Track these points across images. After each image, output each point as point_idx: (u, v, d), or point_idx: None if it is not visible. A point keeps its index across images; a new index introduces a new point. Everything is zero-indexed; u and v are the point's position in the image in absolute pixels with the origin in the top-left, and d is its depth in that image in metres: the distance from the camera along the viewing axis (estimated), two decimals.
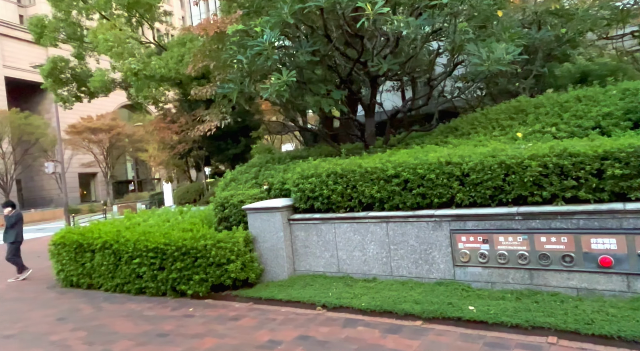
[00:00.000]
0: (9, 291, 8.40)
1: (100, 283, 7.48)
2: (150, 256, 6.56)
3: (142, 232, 6.95)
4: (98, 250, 7.39)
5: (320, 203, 5.53)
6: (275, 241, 5.89)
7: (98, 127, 49.32)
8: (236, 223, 6.53)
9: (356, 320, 4.56)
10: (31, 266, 11.24)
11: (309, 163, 6.01)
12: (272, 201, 6.04)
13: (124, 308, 6.26)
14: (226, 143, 17.54)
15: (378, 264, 5.16)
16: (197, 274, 6.11)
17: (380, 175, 5.01)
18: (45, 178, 52.68)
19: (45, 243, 17.59)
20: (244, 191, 6.84)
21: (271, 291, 5.60)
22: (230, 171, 17.85)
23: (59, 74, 16.17)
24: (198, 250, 6.08)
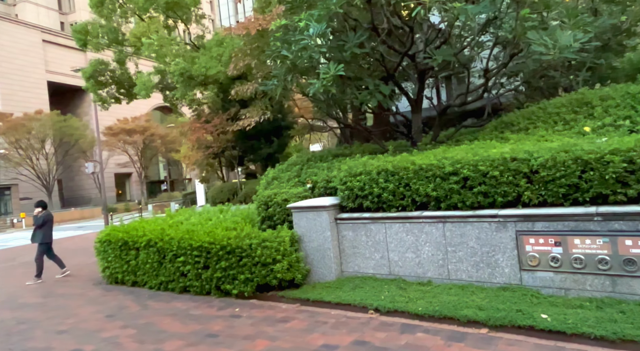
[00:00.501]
0: (57, 287, 8.63)
1: (145, 281, 7.55)
2: (195, 254, 6.54)
3: (186, 230, 6.95)
4: (143, 248, 7.45)
5: (370, 201, 5.31)
6: (322, 241, 5.72)
7: (133, 128, 50.96)
8: (280, 222, 6.41)
9: (414, 326, 4.31)
10: (75, 263, 11.59)
11: (356, 161, 5.81)
12: (319, 200, 5.87)
13: (170, 307, 6.25)
14: (259, 143, 17.55)
15: (433, 266, 4.89)
16: (242, 274, 6.03)
17: (436, 172, 4.74)
18: (84, 178, 54.88)
19: (85, 240, 18.22)
20: (287, 189, 6.71)
21: (319, 293, 5.42)
22: (263, 170, 17.90)
23: (99, 76, 16.68)
24: (243, 249, 6.00)
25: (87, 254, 13.44)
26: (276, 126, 17.47)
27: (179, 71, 11.47)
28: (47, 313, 6.64)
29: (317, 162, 7.41)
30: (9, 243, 21.81)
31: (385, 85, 5.81)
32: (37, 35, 51.29)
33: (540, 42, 4.72)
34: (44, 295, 7.97)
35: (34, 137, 43.41)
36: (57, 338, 5.35)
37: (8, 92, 47.02)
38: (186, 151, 23.50)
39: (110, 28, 15.13)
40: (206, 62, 11.64)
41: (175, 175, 68.41)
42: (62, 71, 53.51)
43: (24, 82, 49.09)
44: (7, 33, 47.70)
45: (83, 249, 15.17)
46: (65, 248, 15.95)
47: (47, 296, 7.85)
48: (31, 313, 6.72)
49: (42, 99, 50.25)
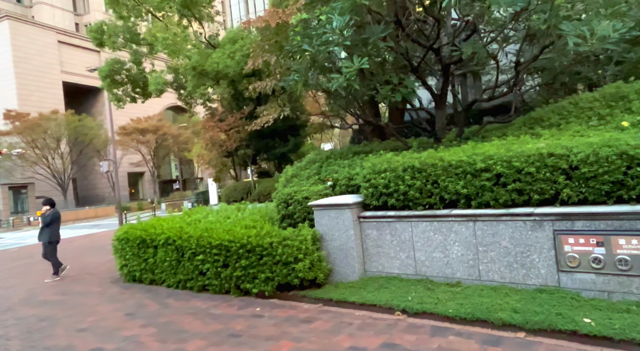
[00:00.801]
0: (75, 285, 8.63)
1: (163, 279, 7.49)
2: (214, 253, 6.45)
3: (205, 228, 6.86)
4: (161, 246, 7.39)
5: (395, 199, 5.15)
6: (345, 239, 5.57)
7: (146, 128, 51.43)
8: (301, 220, 6.28)
9: (445, 328, 4.14)
10: (92, 261, 11.63)
11: (380, 157, 5.65)
12: (341, 198, 5.72)
13: (189, 306, 6.17)
14: (274, 141, 17.48)
15: (463, 267, 4.71)
16: (263, 273, 5.92)
17: (467, 169, 4.56)
18: (98, 177, 55.60)
19: (101, 238, 18.36)
20: (307, 187, 6.58)
21: (342, 293, 5.28)
22: (277, 169, 17.73)
23: (115, 75, 16.78)
24: (263, 248, 5.89)
25: (103, 253, 13.50)
26: (290, 125, 17.38)
27: (191, 65, 11.41)
28: (67, 310, 6.62)
29: (336, 159, 7.26)
30: (26, 240, 22.10)
31: (411, 80, 5.64)
32: (52, 36, 52.07)
33: (576, 33, 4.51)
34: (62, 293, 7.98)
35: (49, 137, 44.11)
36: (78, 336, 5.30)
37: (25, 93, 47.83)
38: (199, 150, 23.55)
39: (126, 27, 15.21)
40: (219, 58, 11.57)
41: (187, 174, 68.93)
42: (77, 72, 54.31)
43: (40, 83, 49.90)
44: (24, 34, 48.51)
45: (99, 247, 15.26)
46: (81, 246, 16.08)
47: (65, 294, 7.85)
48: (51, 311, 6.70)
49: (57, 99, 51.02)
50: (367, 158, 6.39)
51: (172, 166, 68.81)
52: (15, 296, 8.05)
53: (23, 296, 7.99)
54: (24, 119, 41.93)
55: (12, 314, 6.76)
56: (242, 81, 12.58)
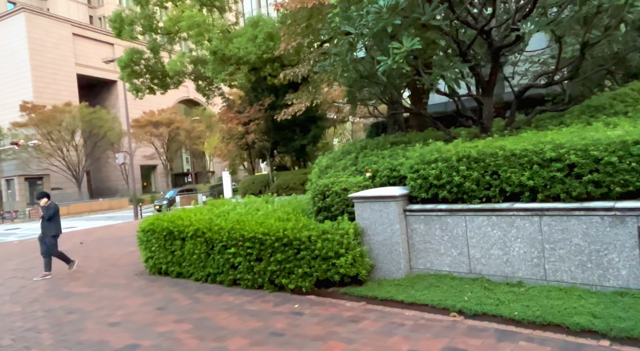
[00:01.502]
0: (100, 277, 8.45)
1: (191, 272, 7.25)
2: (247, 246, 6.17)
3: (236, 220, 6.58)
4: (189, 238, 7.14)
5: (448, 192, 4.79)
6: (389, 234, 5.24)
7: (159, 121, 51.54)
8: (339, 213, 5.96)
9: (512, 333, 3.79)
10: (113, 252, 11.46)
11: (428, 146, 5.28)
12: (386, 189, 5.38)
13: (222, 301, 5.90)
14: (294, 133, 17.16)
15: (526, 265, 4.35)
16: (300, 268, 5.62)
17: (533, 158, 4.18)
18: (111, 169, 56.00)
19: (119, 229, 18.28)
20: (344, 178, 6.25)
21: (388, 291, 4.96)
22: (295, 162, 17.29)
23: (134, 65, 16.59)
24: (301, 241, 5.58)
25: (123, 244, 13.37)
26: (310, 116, 17.02)
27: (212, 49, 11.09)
28: (95, 303, 6.41)
29: (373, 150, 6.91)
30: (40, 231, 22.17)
31: (460, 63, 5.25)
32: (67, 29, 52.30)
33: None
34: (87, 284, 7.79)
35: (64, 129, 44.45)
36: (110, 330, 5.06)
37: (41, 85, 48.17)
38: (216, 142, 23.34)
39: (145, 15, 14.96)
40: (240, 43, 11.23)
41: (199, 168, 69.09)
42: (91, 64, 54.59)
43: (55, 75, 50.20)
44: (40, 26, 48.77)
45: (118, 239, 15.16)
46: (101, 238, 16.00)
47: (91, 286, 7.66)
48: (78, 303, 6.50)
49: (71, 92, 51.32)
50: (409, 148, 6.04)
51: (184, 159, 69.03)
52: (39, 287, 7.89)
53: (48, 287, 7.82)
54: (40, 111, 42.27)
55: (39, 305, 6.57)
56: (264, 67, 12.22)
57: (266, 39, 11.54)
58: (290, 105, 10.65)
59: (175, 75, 18.33)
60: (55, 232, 9.01)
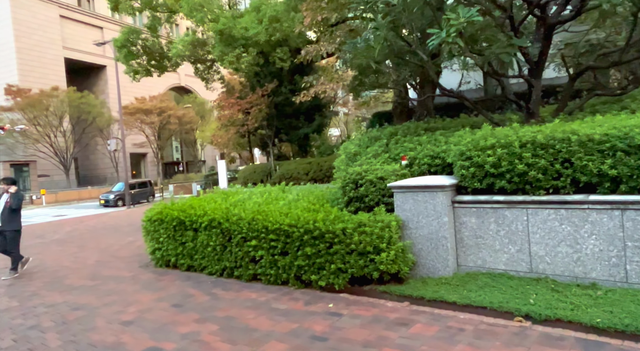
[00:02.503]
0: (102, 268, 7.87)
1: (203, 266, 6.73)
2: (271, 238, 5.67)
3: (257, 211, 6.06)
4: (203, 229, 6.61)
5: (507, 181, 4.33)
6: (435, 227, 4.78)
7: (150, 108, 50.27)
8: (374, 204, 5.48)
9: (597, 343, 3.36)
10: (111, 243, 10.81)
11: (481, 131, 4.81)
12: (432, 178, 4.90)
13: (243, 297, 5.41)
14: (298, 121, 16.56)
15: (601, 265, 3.93)
16: (333, 263, 5.14)
17: (617, 145, 3.74)
18: (100, 156, 54.62)
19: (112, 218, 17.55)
20: (378, 165, 5.76)
21: (436, 291, 4.51)
22: (298, 152, 16.56)
23: (131, 46, 15.76)
24: (335, 234, 5.10)
25: (120, 234, 12.74)
26: (315, 105, 16.47)
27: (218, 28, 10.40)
28: (102, 298, 5.85)
29: (405, 136, 6.43)
30: (31, 219, 21.31)
31: (518, 38, 4.77)
32: (54, 11, 50.39)
33: None
34: (90, 277, 7.21)
35: (51, 114, 42.95)
36: (126, 331, 4.53)
37: (26, 68, 46.46)
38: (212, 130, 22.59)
39: None
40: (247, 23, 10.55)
41: (189, 157, 67.82)
42: (79, 48, 52.84)
43: (42, 59, 48.43)
44: (26, 7, 46.88)
45: (113, 228, 14.50)
46: (94, 227, 15.31)
47: (94, 278, 7.08)
48: (83, 298, 5.94)
49: (59, 76, 49.62)
50: (449, 134, 5.57)
51: (173, 148, 67.68)
52: (37, 280, 7.29)
53: (47, 280, 7.22)
54: (26, 94, 40.73)
55: (39, 300, 6.00)
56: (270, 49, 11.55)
57: (272, 22, 10.90)
58: (308, 88, 9.97)
59: (174, 57, 17.54)
60: (19, 225, 7.67)
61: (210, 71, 18.08)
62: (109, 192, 28.52)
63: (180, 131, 56.72)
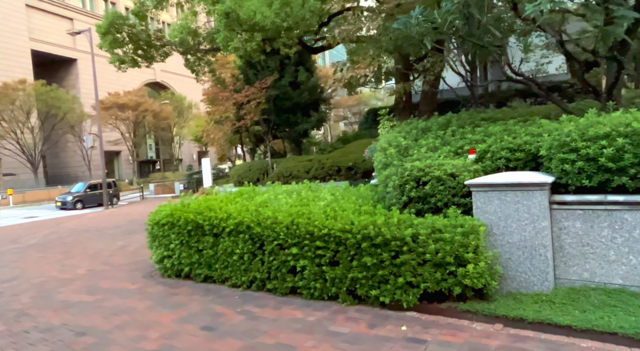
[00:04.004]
0: (98, 279, 6.76)
1: (226, 276, 5.79)
2: (317, 245, 4.81)
3: (297, 213, 5.17)
4: (226, 234, 5.66)
5: (631, 178, 3.63)
6: (531, 234, 4.04)
7: (125, 103, 48.02)
8: (442, 205, 4.70)
9: None
10: (100, 247, 9.53)
11: (588, 118, 4.10)
12: (525, 175, 4.16)
13: (287, 317, 4.52)
14: (296, 116, 15.61)
15: None
16: (400, 276, 4.32)
17: None
18: (70, 154, 51.77)
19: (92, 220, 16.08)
20: (441, 160, 4.98)
21: (538, 311, 3.78)
22: (295, 149, 15.43)
23: (116, 32, 14.45)
24: (403, 242, 4.28)
25: (106, 237, 11.49)
26: (315, 99, 15.59)
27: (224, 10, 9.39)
28: (110, 319, 4.82)
29: (463, 126, 5.69)
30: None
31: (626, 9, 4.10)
32: None
33: None
34: (87, 291, 6.12)
35: (17, 109, 40.18)
36: None
37: None
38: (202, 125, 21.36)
39: None
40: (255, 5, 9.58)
41: (166, 155, 65.33)
42: (48, 40, 49.91)
43: (6, 50, 45.34)
44: None
45: (96, 230, 13.17)
46: (75, 229, 13.89)
47: (93, 292, 6.00)
48: (86, 318, 4.89)
49: (25, 69, 46.60)
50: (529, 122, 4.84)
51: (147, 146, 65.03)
52: (22, 294, 6.13)
53: (34, 294, 6.08)
54: None
55: (30, 321, 4.90)
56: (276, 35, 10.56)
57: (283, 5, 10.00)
58: (340, 71, 8.96)
59: (162, 46, 16.27)
60: None
61: (201, 63, 16.92)
62: (67, 193, 25.50)
63: (156, 127, 54.53)
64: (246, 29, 10.07)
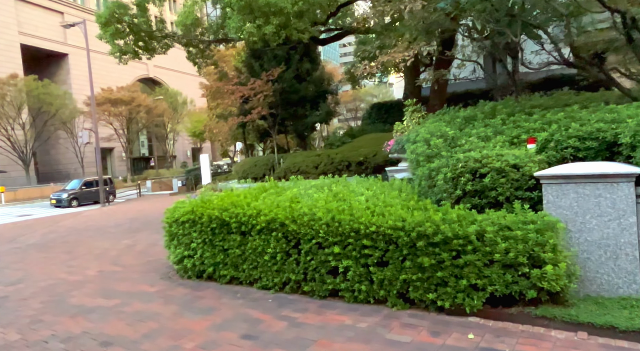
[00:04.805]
0: (112, 281, 6.26)
1: (255, 277, 5.34)
2: (364, 244, 4.39)
3: (337, 209, 4.73)
4: (257, 232, 5.20)
5: None
6: (615, 231, 3.65)
7: (119, 98, 47.04)
8: (504, 199, 4.28)
9: None
10: (106, 247, 8.94)
11: None
12: (608, 165, 3.75)
13: (334, 323, 4.09)
14: (304, 109, 15.07)
15: None
16: (462, 278, 3.91)
17: None
18: (62, 151, 50.70)
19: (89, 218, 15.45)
20: (498, 150, 4.56)
21: (631, 318, 3.37)
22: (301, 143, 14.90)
23: (116, 23, 13.82)
24: (467, 240, 3.87)
25: (109, 236, 10.94)
26: (322, 91, 15.08)
27: None
28: (135, 326, 4.35)
29: (512, 114, 5.28)
30: None
31: None
32: None
33: None
34: (102, 294, 5.62)
35: (8, 104, 39.06)
36: None
37: None
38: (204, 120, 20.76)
39: None
40: None
41: (159, 152, 64.32)
42: (38, 34, 48.67)
43: None
44: None
45: (97, 229, 12.60)
46: (74, 228, 13.28)
47: (109, 296, 5.50)
48: (108, 325, 4.41)
49: (15, 63, 45.35)
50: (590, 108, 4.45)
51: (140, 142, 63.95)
52: (31, 298, 5.62)
53: (44, 298, 5.57)
54: None
55: (47, 329, 4.41)
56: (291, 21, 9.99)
57: None
58: (371, 58, 8.34)
59: (163, 38, 15.65)
60: None
61: (203, 55, 16.34)
62: (62, 190, 24.64)
63: (150, 123, 53.59)
64: (259, 15, 9.54)
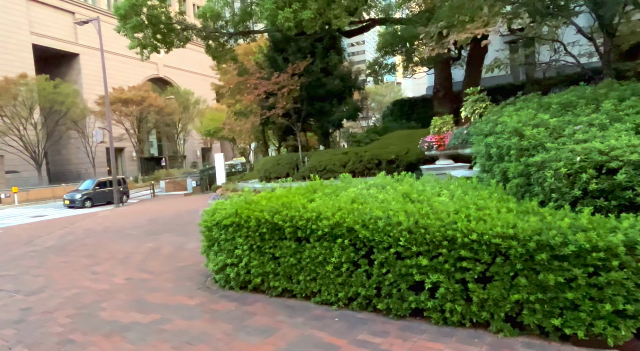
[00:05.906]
0: (142, 291, 5.53)
1: (313, 290, 4.58)
2: (460, 255, 3.58)
3: (420, 212, 3.94)
4: (317, 238, 4.43)
5: None
6: None
7: (130, 98, 46.69)
8: None
9: None
10: (127, 250, 8.16)
11: None
12: None
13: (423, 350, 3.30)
14: (331, 105, 14.24)
15: None
16: (602, 301, 3.09)
17: None
18: (73, 151, 50.44)
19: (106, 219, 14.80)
20: (632, 141, 3.73)
21: None
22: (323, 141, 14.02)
23: (135, 15, 13.17)
24: (610, 253, 3.05)
25: (129, 238, 10.24)
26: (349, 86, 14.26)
27: None
28: (183, 348, 3.59)
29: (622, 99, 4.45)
30: (5, 220, 18.27)
31: None
32: None
33: None
34: (137, 307, 4.88)
35: (20, 104, 38.75)
36: None
37: None
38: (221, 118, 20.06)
39: None
40: None
41: (170, 151, 63.90)
42: (49, 34, 48.49)
43: (6, 44, 43.90)
44: None
45: (116, 230, 11.92)
46: (92, 229, 12.62)
47: (144, 310, 4.76)
48: (151, 348, 3.66)
49: (27, 63, 45.16)
50: None
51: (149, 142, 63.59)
52: (57, 311, 4.90)
53: (71, 311, 4.85)
54: None
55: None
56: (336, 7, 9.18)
57: None
58: (439, 41, 7.40)
59: (183, 30, 14.97)
60: None
61: (225, 48, 15.65)
62: (75, 190, 24.20)
63: (161, 123, 53.19)
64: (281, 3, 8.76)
